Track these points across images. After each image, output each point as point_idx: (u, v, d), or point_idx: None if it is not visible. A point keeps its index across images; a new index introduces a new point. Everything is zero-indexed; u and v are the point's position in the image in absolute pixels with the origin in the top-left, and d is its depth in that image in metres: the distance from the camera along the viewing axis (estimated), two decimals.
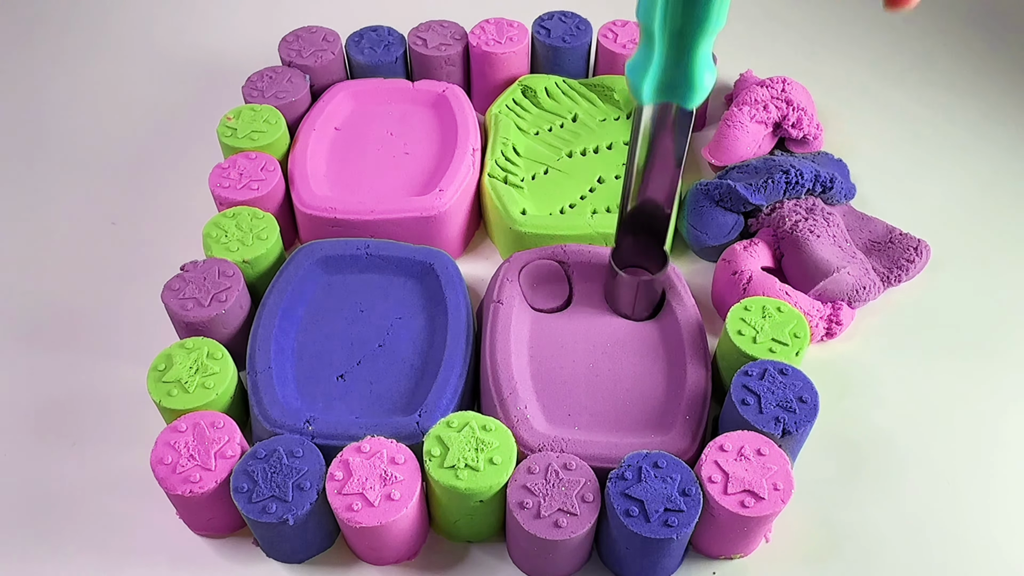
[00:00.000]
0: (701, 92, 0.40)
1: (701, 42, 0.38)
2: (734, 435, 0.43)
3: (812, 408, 0.44)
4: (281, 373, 0.48)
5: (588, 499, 0.41)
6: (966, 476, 0.49)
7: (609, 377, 0.49)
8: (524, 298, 0.52)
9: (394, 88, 0.65)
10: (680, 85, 0.40)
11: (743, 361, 0.47)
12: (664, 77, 0.40)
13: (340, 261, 0.53)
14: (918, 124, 0.70)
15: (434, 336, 0.50)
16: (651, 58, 0.39)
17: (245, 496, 0.41)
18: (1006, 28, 0.80)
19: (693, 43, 0.38)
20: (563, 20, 0.67)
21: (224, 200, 0.55)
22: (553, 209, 0.58)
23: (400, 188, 0.59)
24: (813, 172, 0.57)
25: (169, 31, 0.78)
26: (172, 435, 0.43)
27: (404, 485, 0.41)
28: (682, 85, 0.40)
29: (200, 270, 0.50)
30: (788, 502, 0.41)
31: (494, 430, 0.43)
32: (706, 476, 0.41)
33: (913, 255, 0.57)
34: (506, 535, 0.45)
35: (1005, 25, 0.80)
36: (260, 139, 0.58)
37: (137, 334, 0.54)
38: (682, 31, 0.37)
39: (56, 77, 0.73)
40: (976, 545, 0.46)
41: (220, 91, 0.70)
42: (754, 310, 0.49)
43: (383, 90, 0.64)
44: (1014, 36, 0.79)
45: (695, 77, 0.39)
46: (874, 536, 0.46)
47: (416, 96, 0.64)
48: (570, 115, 0.64)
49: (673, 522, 0.40)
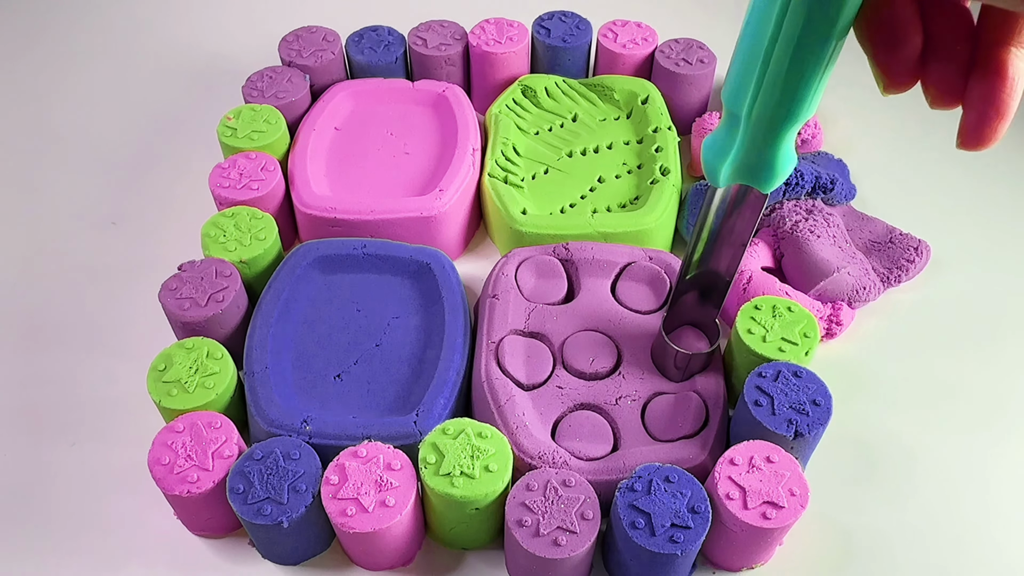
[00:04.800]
0: (780, 178, 0.38)
1: (789, 132, 0.36)
2: (741, 447, 0.43)
3: (825, 411, 0.44)
4: (278, 373, 0.48)
5: (588, 516, 0.40)
6: (968, 476, 0.49)
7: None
8: (520, 292, 0.52)
9: (394, 88, 0.65)
10: (761, 170, 0.38)
11: (752, 360, 0.47)
12: (745, 161, 0.38)
13: (337, 261, 0.53)
14: (918, 124, 0.70)
15: (431, 336, 0.50)
16: (733, 142, 0.38)
17: (241, 497, 0.41)
18: None
19: (780, 133, 0.36)
20: (563, 20, 0.67)
21: (224, 200, 0.55)
22: (553, 209, 0.58)
23: (400, 188, 0.59)
24: (813, 174, 0.57)
25: (169, 31, 0.78)
26: (170, 435, 0.43)
27: (399, 491, 0.41)
28: (763, 170, 0.38)
29: (197, 270, 0.50)
30: (807, 506, 0.41)
31: (490, 437, 0.43)
32: (723, 493, 0.41)
33: (913, 255, 0.56)
34: (504, 551, 0.45)
35: None
36: (260, 139, 0.58)
37: (137, 334, 0.54)
38: (772, 119, 0.35)
39: (56, 77, 0.73)
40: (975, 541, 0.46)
41: (220, 91, 0.70)
42: (764, 309, 0.49)
43: (383, 90, 0.64)
44: None
45: (777, 164, 0.38)
46: (885, 536, 0.46)
47: (416, 96, 0.64)
48: (570, 115, 0.64)
49: (679, 538, 0.40)
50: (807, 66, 0.33)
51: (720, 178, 0.39)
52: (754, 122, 0.36)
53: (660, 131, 0.61)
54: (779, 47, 0.33)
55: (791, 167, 0.38)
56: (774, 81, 0.34)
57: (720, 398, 0.47)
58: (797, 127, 0.36)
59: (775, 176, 0.38)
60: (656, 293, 0.53)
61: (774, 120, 0.35)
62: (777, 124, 0.36)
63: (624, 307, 0.52)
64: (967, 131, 0.30)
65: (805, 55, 0.32)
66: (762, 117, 0.35)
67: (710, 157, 0.39)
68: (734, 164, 0.38)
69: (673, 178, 0.58)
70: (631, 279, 0.53)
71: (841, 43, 0.33)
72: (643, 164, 0.60)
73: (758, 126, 0.36)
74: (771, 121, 0.36)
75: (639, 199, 0.58)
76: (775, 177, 0.38)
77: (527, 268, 0.53)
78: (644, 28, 0.67)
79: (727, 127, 0.38)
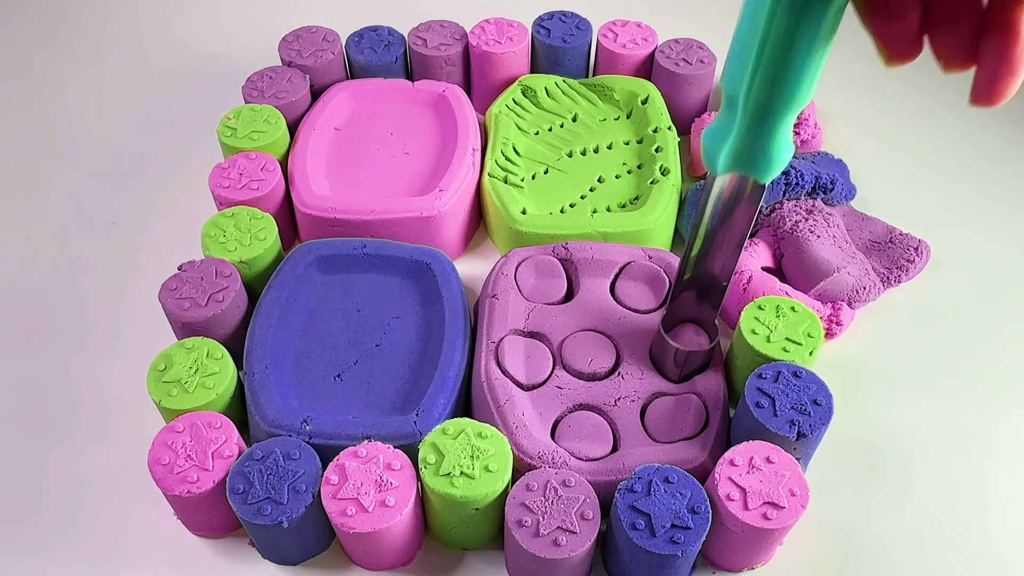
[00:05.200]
0: (778, 167, 0.39)
1: (786, 117, 0.36)
2: (741, 447, 0.43)
3: (827, 411, 0.44)
4: (278, 373, 0.48)
5: (588, 516, 0.40)
6: (968, 476, 0.49)
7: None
8: (520, 292, 0.52)
9: (394, 88, 0.64)
10: (757, 158, 0.38)
11: (756, 360, 0.47)
12: (742, 148, 0.38)
13: (337, 260, 0.53)
14: (918, 124, 0.70)
15: (431, 335, 0.50)
16: (731, 128, 0.38)
17: (240, 497, 0.41)
18: None
19: (777, 118, 0.36)
20: (563, 20, 0.67)
21: (224, 200, 0.55)
22: (553, 208, 0.58)
23: (400, 188, 0.59)
24: (813, 175, 0.57)
25: (169, 31, 0.78)
26: (170, 435, 0.43)
27: (399, 492, 0.41)
28: (760, 158, 0.38)
29: (197, 270, 0.50)
30: (807, 506, 0.41)
31: (490, 437, 0.43)
32: (724, 494, 0.41)
33: (913, 255, 0.56)
34: (504, 551, 0.45)
35: None
36: (260, 139, 0.58)
37: (137, 334, 0.54)
38: (767, 104, 0.36)
39: (56, 77, 0.73)
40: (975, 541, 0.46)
41: (220, 91, 0.70)
42: (768, 309, 0.49)
43: (383, 90, 0.64)
44: None
45: (773, 152, 0.38)
46: (885, 536, 0.46)
47: (416, 96, 0.64)
48: (570, 115, 0.64)
49: (679, 539, 0.40)
50: (803, 44, 0.33)
51: (719, 165, 0.40)
52: (751, 106, 0.36)
53: (660, 131, 0.61)
54: (775, 25, 0.33)
55: (788, 156, 0.38)
56: (771, 62, 0.34)
57: (720, 399, 0.47)
58: (794, 113, 0.36)
59: (772, 164, 0.39)
60: (655, 292, 0.53)
61: (770, 103, 0.36)
62: (773, 108, 0.36)
63: (623, 306, 0.52)
64: (979, 88, 0.30)
65: (801, 31, 0.33)
66: (759, 100, 0.36)
67: (709, 143, 0.39)
68: (732, 151, 0.39)
69: (673, 178, 0.58)
70: (630, 278, 0.53)
71: (838, 20, 0.33)
72: (643, 164, 0.60)
73: (755, 110, 0.36)
74: (767, 104, 0.36)
75: (639, 199, 0.58)
76: (772, 165, 0.39)
77: (527, 268, 0.53)
78: (644, 28, 0.67)
79: (726, 113, 0.38)
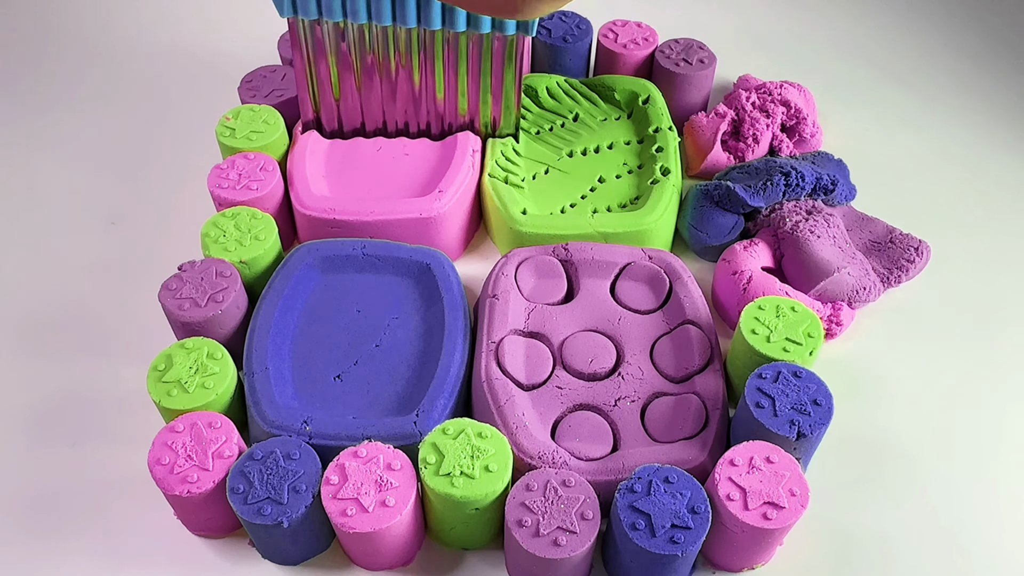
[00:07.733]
0: None
1: None
2: (741, 447, 0.43)
3: (827, 411, 0.44)
4: (278, 373, 0.48)
5: (588, 516, 0.40)
6: (968, 476, 0.49)
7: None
8: (520, 292, 0.52)
9: None
10: None
11: (756, 360, 0.47)
12: None
13: (336, 261, 0.53)
14: (918, 124, 0.70)
15: (431, 336, 0.50)
16: None
17: (240, 497, 0.41)
18: (1006, 28, 0.79)
19: None
20: (563, 20, 0.67)
21: (223, 200, 0.55)
22: (554, 208, 0.58)
23: (400, 189, 0.58)
24: (814, 175, 0.57)
25: (168, 31, 0.77)
26: (169, 435, 0.43)
27: (399, 491, 0.41)
28: None
29: (197, 270, 0.50)
30: (807, 506, 0.41)
31: (490, 437, 0.43)
32: (724, 494, 0.41)
33: (913, 255, 0.56)
34: (504, 551, 0.45)
35: (1005, 25, 0.80)
36: (259, 139, 0.58)
37: (137, 334, 0.54)
38: None
39: (56, 77, 0.73)
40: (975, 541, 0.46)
41: (219, 91, 0.70)
42: (768, 309, 0.49)
43: None
44: (1014, 36, 0.79)
45: None
46: (885, 536, 0.46)
47: None
48: (571, 115, 0.64)
49: (679, 539, 0.40)
50: None
51: None
52: None
53: (661, 131, 0.61)
54: None
55: None
56: None
57: (720, 399, 0.47)
58: None
59: None
60: (655, 293, 0.53)
61: None
62: None
63: (623, 307, 0.52)
64: None
65: None
66: None
67: None
68: None
69: (673, 178, 0.58)
70: (630, 279, 0.53)
71: None
72: (643, 164, 0.60)
73: None
74: None
75: (639, 199, 0.58)
76: None
77: (527, 268, 0.53)
78: (644, 28, 0.67)
79: None
